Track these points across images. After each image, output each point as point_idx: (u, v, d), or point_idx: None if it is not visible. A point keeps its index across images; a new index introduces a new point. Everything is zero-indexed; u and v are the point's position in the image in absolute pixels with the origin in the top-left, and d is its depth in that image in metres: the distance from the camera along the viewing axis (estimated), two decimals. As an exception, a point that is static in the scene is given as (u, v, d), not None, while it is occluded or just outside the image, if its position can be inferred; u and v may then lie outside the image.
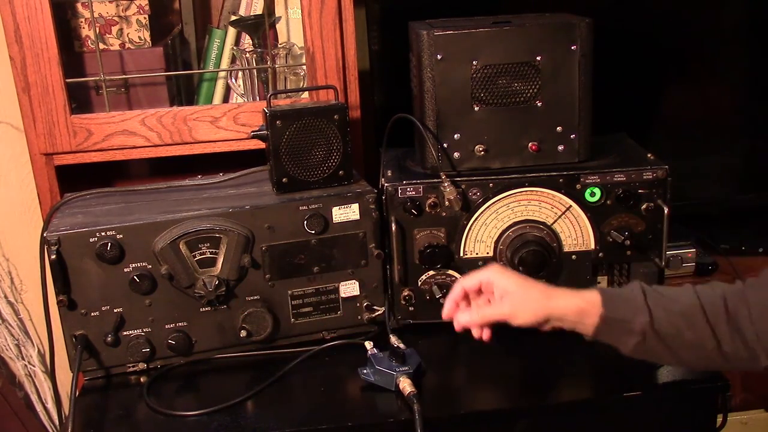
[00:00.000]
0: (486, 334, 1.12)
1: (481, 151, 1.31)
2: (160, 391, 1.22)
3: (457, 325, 1.12)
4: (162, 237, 1.21)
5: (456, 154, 1.31)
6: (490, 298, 1.11)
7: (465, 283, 1.13)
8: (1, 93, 1.64)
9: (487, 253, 1.31)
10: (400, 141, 1.39)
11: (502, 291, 1.09)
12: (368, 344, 1.22)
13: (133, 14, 1.49)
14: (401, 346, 1.21)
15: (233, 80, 1.58)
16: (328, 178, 1.31)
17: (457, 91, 1.28)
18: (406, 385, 1.13)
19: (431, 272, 1.32)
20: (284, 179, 1.30)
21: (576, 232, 1.30)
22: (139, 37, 1.50)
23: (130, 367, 1.26)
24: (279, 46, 1.56)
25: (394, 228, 1.28)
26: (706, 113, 1.82)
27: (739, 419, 1.84)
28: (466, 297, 1.14)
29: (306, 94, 1.49)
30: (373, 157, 1.51)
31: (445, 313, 1.14)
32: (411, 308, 1.34)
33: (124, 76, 1.50)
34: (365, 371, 1.19)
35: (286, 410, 1.15)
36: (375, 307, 1.33)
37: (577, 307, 1.06)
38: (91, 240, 1.19)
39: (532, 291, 1.08)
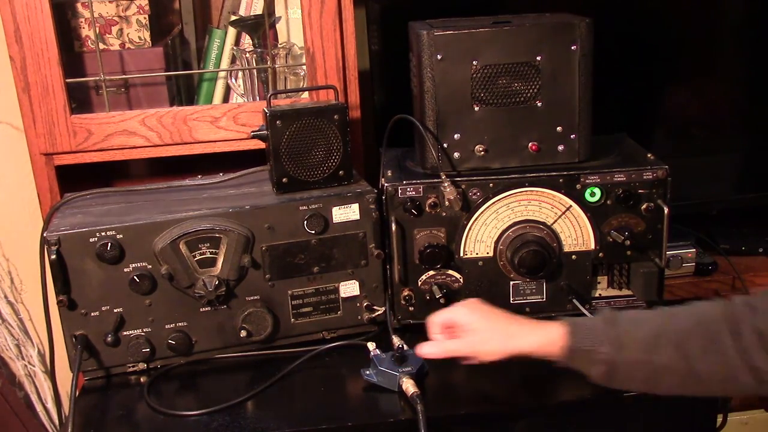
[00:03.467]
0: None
1: (481, 151, 1.31)
2: (160, 391, 1.22)
3: (421, 354, 1.15)
4: (162, 237, 1.21)
5: (456, 154, 1.31)
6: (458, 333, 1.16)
7: (435, 319, 1.18)
8: (1, 93, 1.64)
9: (487, 253, 1.31)
10: (400, 141, 1.39)
11: (466, 329, 1.13)
12: (371, 345, 1.21)
13: (133, 14, 1.49)
14: (404, 347, 1.21)
15: (233, 80, 1.58)
16: (328, 178, 1.31)
17: (457, 91, 1.29)
18: (409, 385, 1.13)
19: (431, 272, 1.32)
20: (284, 179, 1.30)
21: (576, 232, 1.30)
22: (139, 37, 1.50)
23: (130, 367, 1.26)
24: (279, 46, 1.56)
25: (394, 228, 1.28)
26: (706, 113, 1.82)
27: (739, 419, 1.84)
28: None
29: (306, 94, 1.49)
30: (373, 157, 1.51)
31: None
32: (411, 308, 1.34)
33: (124, 76, 1.49)
34: (368, 372, 1.19)
35: (286, 410, 1.15)
36: (375, 307, 1.33)
37: (538, 344, 1.10)
38: (91, 240, 1.19)
39: (494, 332, 1.12)
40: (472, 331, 1.13)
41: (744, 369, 1.03)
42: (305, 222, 1.27)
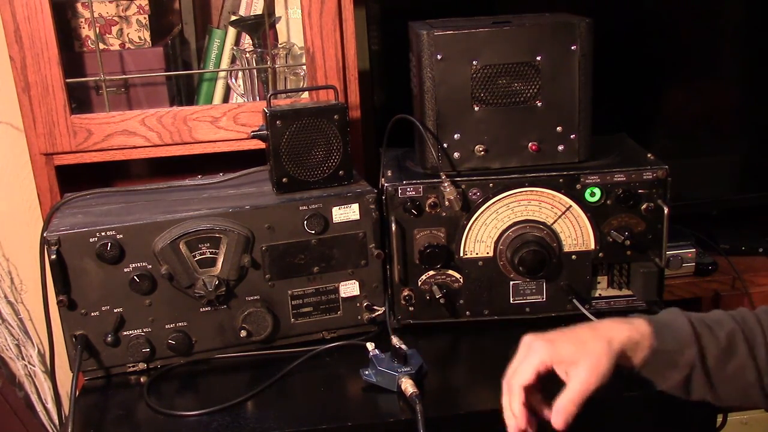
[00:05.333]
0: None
1: (481, 151, 1.31)
2: (160, 391, 1.22)
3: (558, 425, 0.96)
4: (162, 237, 1.21)
5: (456, 154, 1.31)
6: (562, 378, 0.98)
7: (520, 381, 0.98)
8: (1, 93, 1.65)
9: (487, 253, 1.31)
10: (400, 141, 1.39)
11: (566, 365, 0.97)
12: (370, 345, 1.21)
13: (133, 14, 1.49)
14: (403, 347, 1.21)
15: (233, 80, 1.58)
16: (328, 178, 1.31)
17: (457, 91, 1.29)
18: (408, 385, 1.13)
19: (431, 272, 1.32)
20: (284, 179, 1.30)
21: (576, 232, 1.30)
22: (139, 37, 1.50)
23: (130, 367, 1.26)
24: (279, 46, 1.56)
25: (394, 228, 1.28)
26: (705, 113, 1.82)
27: (739, 419, 1.84)
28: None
29: (306, 94, 1.49)
30: (373, 157, 1.51)
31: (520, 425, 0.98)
32: (411, 308, 1.34)
33: (124, 76, 1.50)
34: (367, 372, 1.19)
35: (286, 410, 1.15)
36: (375, 307, 1.33)
37: (630, 339, 0.97)
38: (91, 240, 1.19)
39: (592, 348, 0.96)
40: (575, 364, 0.96)
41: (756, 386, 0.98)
42: (305, 222, 1.27)
